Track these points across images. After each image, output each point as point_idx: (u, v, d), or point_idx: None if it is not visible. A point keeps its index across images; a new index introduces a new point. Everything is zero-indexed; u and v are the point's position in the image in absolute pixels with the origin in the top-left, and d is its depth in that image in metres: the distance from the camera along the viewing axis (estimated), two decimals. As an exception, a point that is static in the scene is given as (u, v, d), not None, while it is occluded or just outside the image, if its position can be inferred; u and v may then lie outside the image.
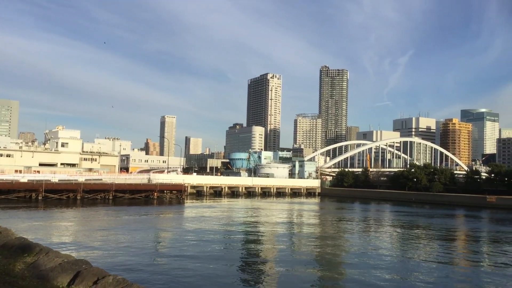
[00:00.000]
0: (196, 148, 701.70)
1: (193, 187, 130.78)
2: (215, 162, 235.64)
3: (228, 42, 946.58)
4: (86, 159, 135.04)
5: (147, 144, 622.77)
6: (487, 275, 31.74)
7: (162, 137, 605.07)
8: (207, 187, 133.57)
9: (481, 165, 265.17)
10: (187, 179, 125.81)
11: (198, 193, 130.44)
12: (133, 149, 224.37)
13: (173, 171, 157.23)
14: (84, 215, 67.04)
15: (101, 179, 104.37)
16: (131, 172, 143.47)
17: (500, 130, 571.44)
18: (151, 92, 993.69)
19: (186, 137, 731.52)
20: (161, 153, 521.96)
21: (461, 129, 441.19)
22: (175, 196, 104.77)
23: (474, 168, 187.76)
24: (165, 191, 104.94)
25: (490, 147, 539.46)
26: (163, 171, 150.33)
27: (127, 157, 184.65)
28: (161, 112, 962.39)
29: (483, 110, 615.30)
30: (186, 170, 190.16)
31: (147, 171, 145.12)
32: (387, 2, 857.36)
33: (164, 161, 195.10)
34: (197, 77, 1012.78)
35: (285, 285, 27.13)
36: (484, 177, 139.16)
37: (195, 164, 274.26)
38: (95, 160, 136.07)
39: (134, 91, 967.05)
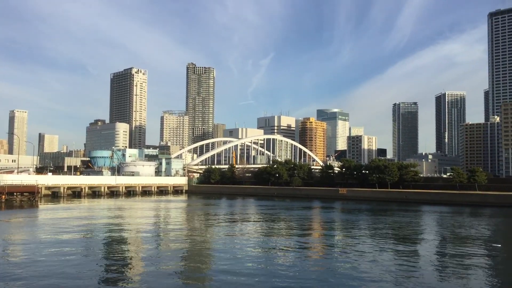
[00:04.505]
0: (52, 146, 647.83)
1: (48, 188, 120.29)
2: (74, 161, 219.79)
3: (87, 33, 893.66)
4: None
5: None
6: (340, 255, 34.78)
7: (11, 133, 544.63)
8: (64, 188, 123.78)
9: (334, 161, 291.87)
10: (41, 180, 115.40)
11: (54, 195, 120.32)
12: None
13: (24, 171, 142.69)
14: None
15: None
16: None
17: (350, 128, 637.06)
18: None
19: (40, 134, 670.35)
20: (10, 151, 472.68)
21: (317, 127, 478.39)
22: (26, 198, 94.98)
23: (328, 163, 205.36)
24: (14, 194, 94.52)
25: (341, 144, 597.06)
26: (13, 171, 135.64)
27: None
28: (9, 106, 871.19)
29: (335, 110, 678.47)
30: (40, 170, 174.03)
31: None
32: (249, 5, 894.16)
33: (13, 160, 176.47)
34: (52, 69, 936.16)
35: (150, 284, 26.25)
36: (336, 171, 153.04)
37: (51, 163, 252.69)
38: None
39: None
